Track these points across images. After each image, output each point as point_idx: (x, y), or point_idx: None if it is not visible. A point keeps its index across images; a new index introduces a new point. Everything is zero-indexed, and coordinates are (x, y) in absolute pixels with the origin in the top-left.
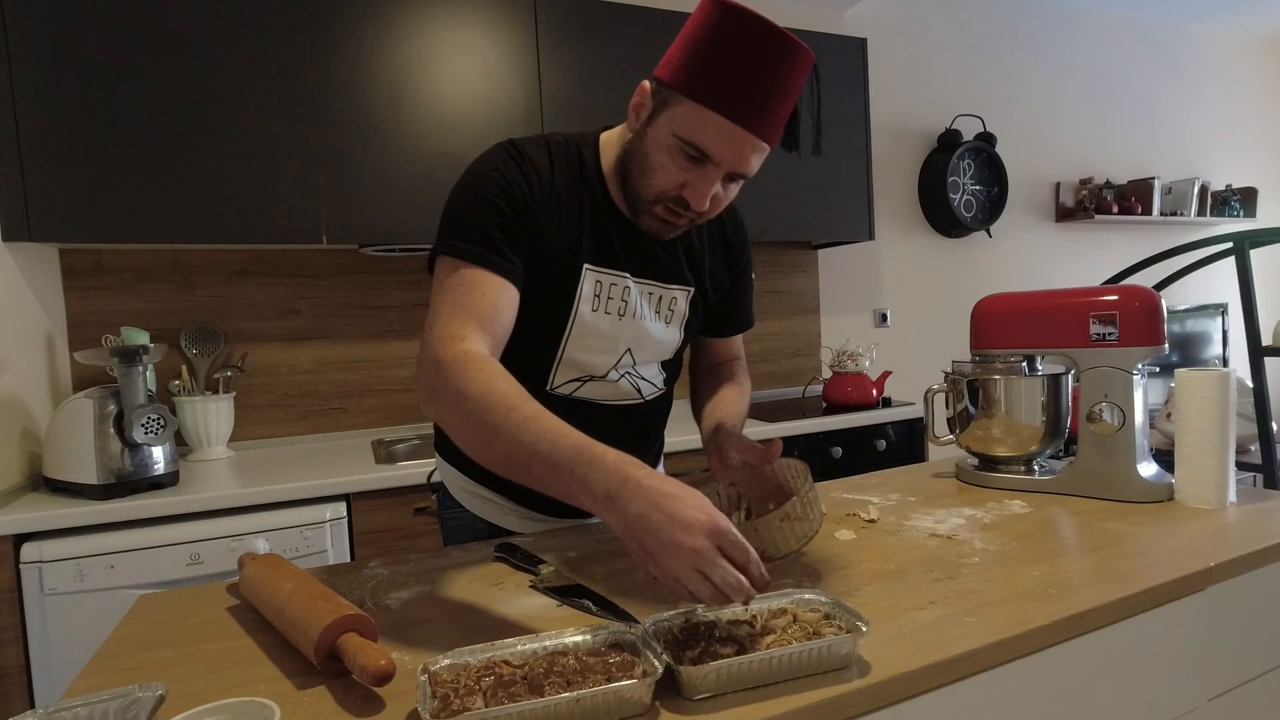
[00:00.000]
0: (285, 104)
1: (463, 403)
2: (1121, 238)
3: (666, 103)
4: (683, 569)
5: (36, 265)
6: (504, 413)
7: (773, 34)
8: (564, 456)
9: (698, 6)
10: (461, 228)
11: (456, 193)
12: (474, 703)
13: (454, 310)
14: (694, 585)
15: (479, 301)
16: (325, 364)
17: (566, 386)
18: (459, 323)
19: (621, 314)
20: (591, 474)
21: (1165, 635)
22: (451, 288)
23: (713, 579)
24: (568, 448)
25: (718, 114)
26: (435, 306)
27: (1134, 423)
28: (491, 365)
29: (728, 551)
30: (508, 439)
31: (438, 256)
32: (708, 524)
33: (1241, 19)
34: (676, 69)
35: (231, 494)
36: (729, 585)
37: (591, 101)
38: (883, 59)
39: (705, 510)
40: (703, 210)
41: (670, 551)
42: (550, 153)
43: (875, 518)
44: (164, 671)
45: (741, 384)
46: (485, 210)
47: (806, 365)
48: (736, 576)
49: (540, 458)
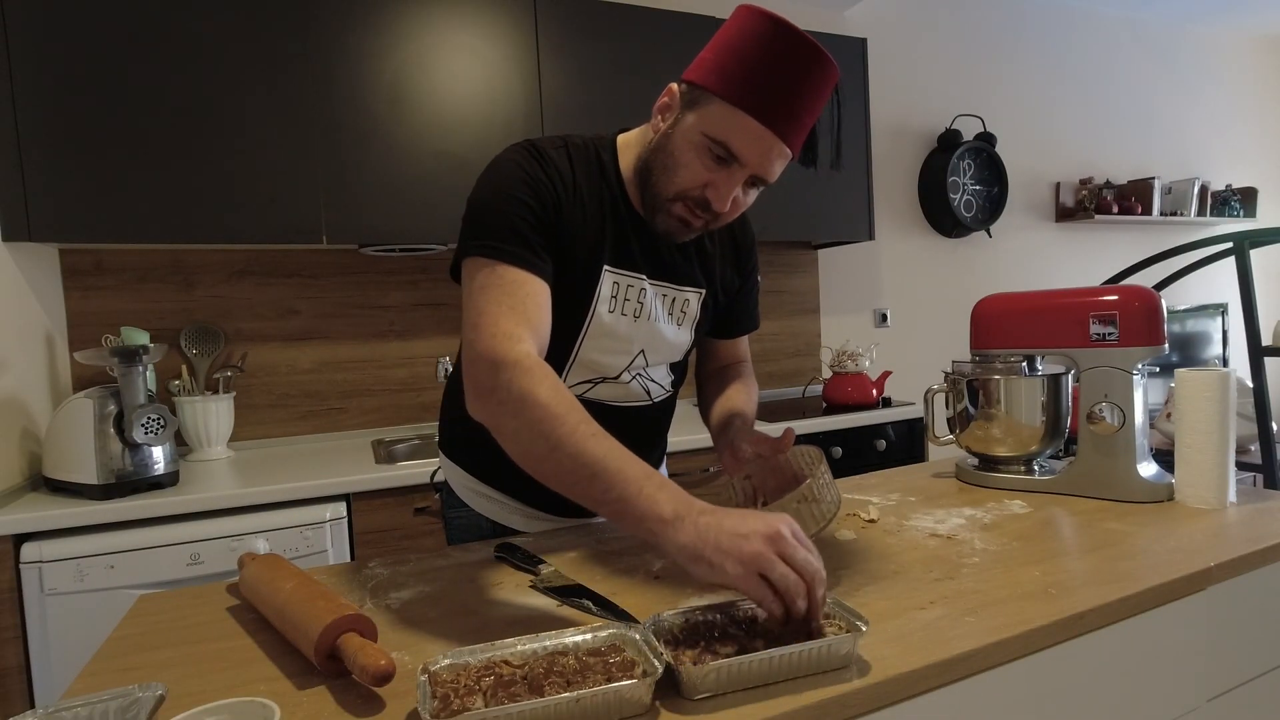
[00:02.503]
0: (285, 104)
1: (529, 408)
2: (1121, 238)
3: (696, 103)
4: (744, 574)
5: (36, 265)
6: (573, 425)
7: (807, 46)
8: (635, 475)
9: (734, 15)
10: (495, 227)
11: (483, 192)
12: (474, 703)
13: (502, 308)
14: (755, 591)
15: (525, 302)
16: (325, 364)
17: (579, 387)
18: (511, 321)
19: (637, 315)
20: (661, 495)
21: (1165, 635)
22: (494, 286)
23: (771, 578)
24: (639, 468)
25: (750, 115)
26: (479, 305)
27: (1134, 423)
28: (553, 373)
29: (786, 553)
30: (576, 450)
31: (467, 257)
32: (764, 530)
33: (1241, 19)
34: (710, 71)
35: (231, 494)
36: (788, 582)
37: (591, 101)
38: (883, 59)
39: (765, 520)
40: (722, 211)
41: (731, 558)
42: (570, 154)
43: (875, 518)
44: (164, 671)
45: (749, 384)
46: (516, 208)
47: (806, 365)
48: (795, 577)
49: (609, 472)
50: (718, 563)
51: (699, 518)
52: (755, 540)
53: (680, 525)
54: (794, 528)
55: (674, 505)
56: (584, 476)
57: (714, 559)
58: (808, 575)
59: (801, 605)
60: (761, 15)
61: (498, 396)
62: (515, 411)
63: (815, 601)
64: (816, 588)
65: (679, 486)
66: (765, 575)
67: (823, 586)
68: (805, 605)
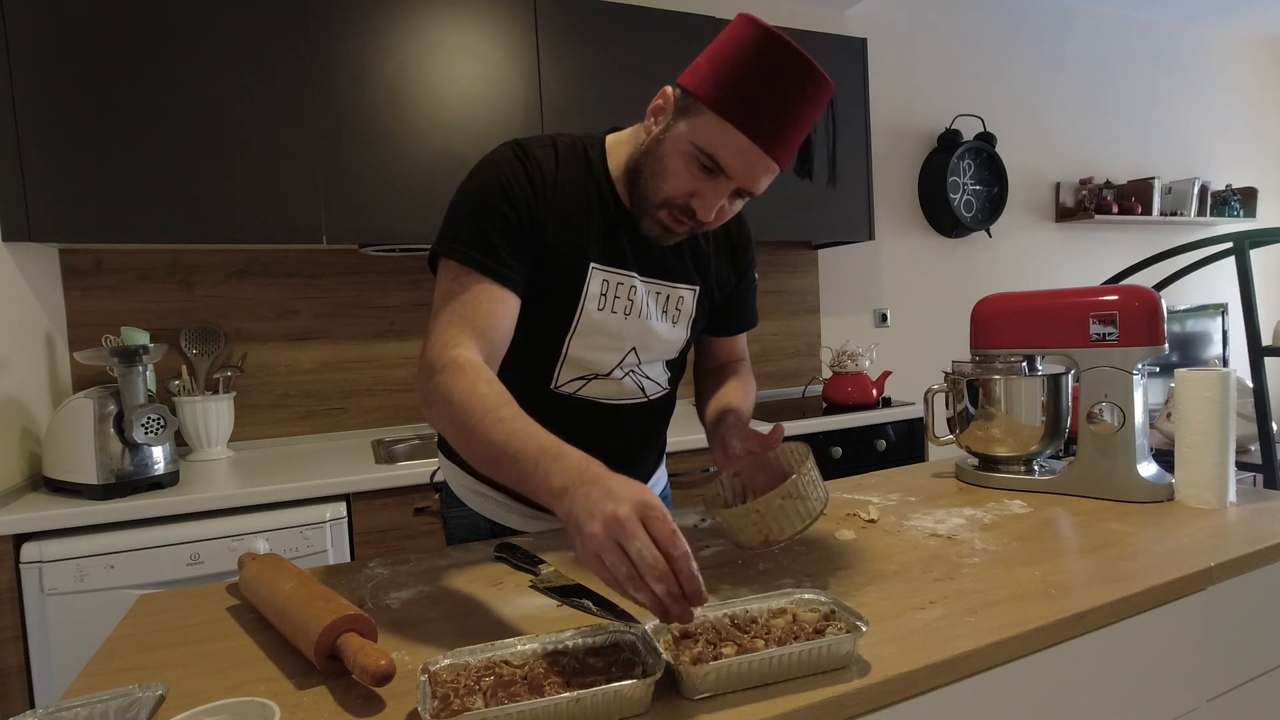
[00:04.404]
0: (285, 104)
1: (447, 406)
2: (1121, 238)
3: (688, 111)
4: (602, 540)
5: (36, 265)
6: (481, 414)
7: (804, 65)
8: (530, 451)
9: (733, 24)
10: (464, 231)
11: (460, 194)
12: (474, 703)
13: (451, 317)
14: (610, 559)
15: (477, 310)
16: (325, 364)
17: (570, 385)
18: (454, 330)
19: (628, 313)
20: (554, 467)
21: (1165, 635)
22: (452, 294)
23: (628, 551)
24: (535, 445)
25: (740, 131)
26: (435, 311)
27: (1134, 423)
28: (478, 370)
29: (651, 527)
30: (482, 438)
31: (440, 257)
32: (635, 497)
33: (1241, 19)
34: (704, 80)
35: (231, 494)
36: (644, 560)
37: (591, 101)
38: (883, 59)
39: (640, 489)
40: (707, 221)
41: (594, 520)
42: (557, 153)
43: (875, 518)
44: (164, 671)
45: (746, 382)
46: (488, 215)
47: (806, 365)
48: (654, 552)
49: (509, 454)
50: (585, 527)
51: (581, 488)
52: (623, 504)
53: (566, 496)
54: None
55: (564, 478)
56: (492, 463)
57: (582, 522)
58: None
59: (656, 588)
60: (759, 28)
61: (429, 399)
62: (440, 411)
63: (683, 573)
64: (682, 562)
65: (585, 457)
66: (622, 546)
67: (688, 561)
68: (662, 589)
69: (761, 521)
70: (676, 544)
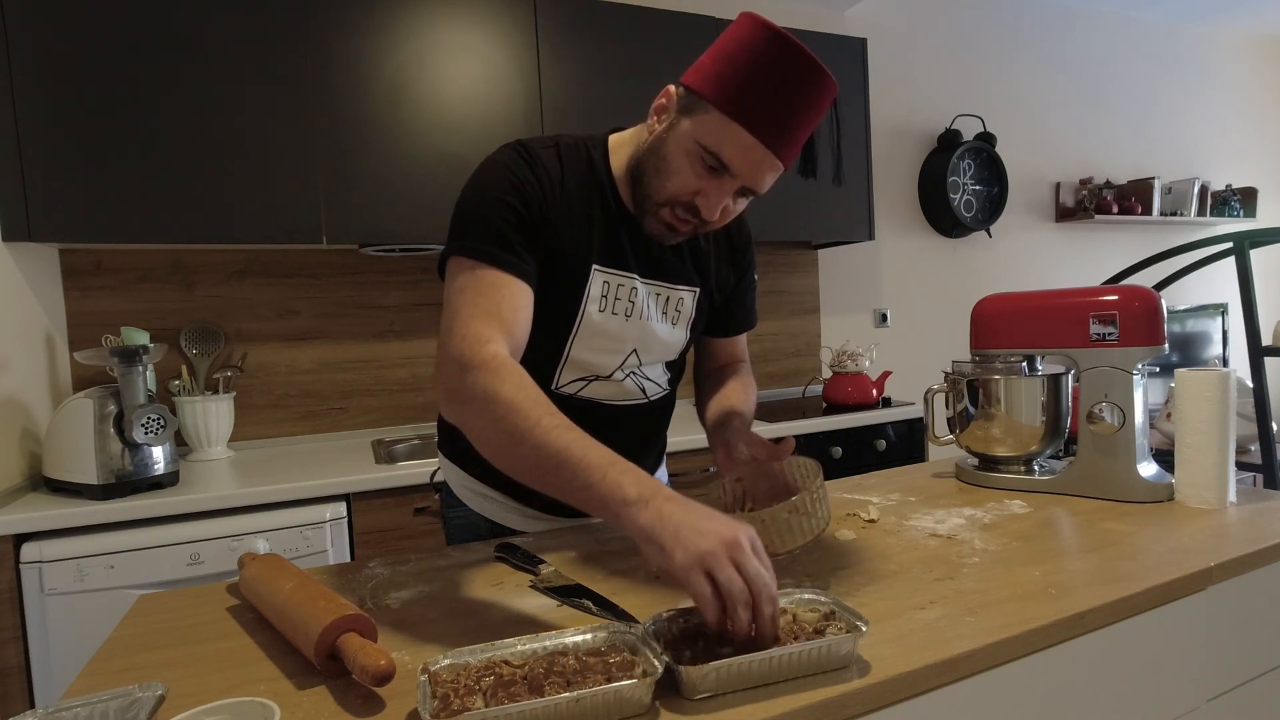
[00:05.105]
0: (285, 104)
1: (492, 406)
2: (1121, 238)
3: (692, 109)
4: (691, 566)
5: (36, 265)
6: (535, 418)
7: (809, 63)
8: (597, 461)
9: (738, 22)
10: (477, 228)
11: (469, 193)
12: (474, 703)
13: (475, 311)
14: (696, 584)
15: (500, 304)
16: (325, 364)
17: (571, 386)
18: (482, 324)
19: (629, 315)
20: (626, 478)
21: (1165, 635)
22: (471, 288)
23: (717, 579)
24: (601, 455)
25: (745, 129)
26: (454, 306)
27: (1134, 423)
28: (521, 371)
29: (739, 560)
30: (538, 442)
31: (450, 257)
32: (724, 532)
33: (1241, 19)
34: (708, 79)
35: (231, 494)
36: (733, 587)
37: (591, 101)
38: (883, 59)
39: (729, 524)
40: (711, 220)
41: (707, 538)
42: (560, 154)
43: (875, 518)
44: (164, 671)
45: (747, 383)
46: (500, 210)
47: (806, 365)
48: (741, 584)
49: (570, 461)
50: (669, 548)
51: (663, 504)
52: (711, 539)
53: (643, 507)
54: (754, 539)
55: (638, 488)
56: (550, 467)
57: (666, 544)
58: (756, 587)
59: (744, 616)
60: (763, 27)
61: (464, 397)
62: (480, 410)
63: (763, 617)
64: (764, 604)
65: (649, 475)
66: (712, 575)
67: (772, 605)
68: (748, 618)
69: (765, 532)
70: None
